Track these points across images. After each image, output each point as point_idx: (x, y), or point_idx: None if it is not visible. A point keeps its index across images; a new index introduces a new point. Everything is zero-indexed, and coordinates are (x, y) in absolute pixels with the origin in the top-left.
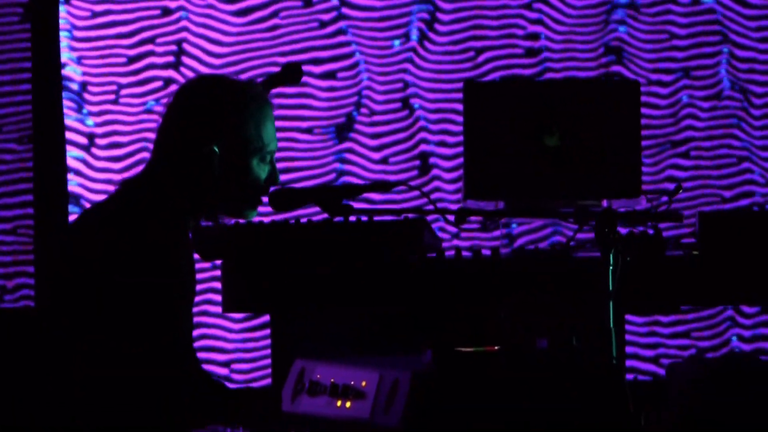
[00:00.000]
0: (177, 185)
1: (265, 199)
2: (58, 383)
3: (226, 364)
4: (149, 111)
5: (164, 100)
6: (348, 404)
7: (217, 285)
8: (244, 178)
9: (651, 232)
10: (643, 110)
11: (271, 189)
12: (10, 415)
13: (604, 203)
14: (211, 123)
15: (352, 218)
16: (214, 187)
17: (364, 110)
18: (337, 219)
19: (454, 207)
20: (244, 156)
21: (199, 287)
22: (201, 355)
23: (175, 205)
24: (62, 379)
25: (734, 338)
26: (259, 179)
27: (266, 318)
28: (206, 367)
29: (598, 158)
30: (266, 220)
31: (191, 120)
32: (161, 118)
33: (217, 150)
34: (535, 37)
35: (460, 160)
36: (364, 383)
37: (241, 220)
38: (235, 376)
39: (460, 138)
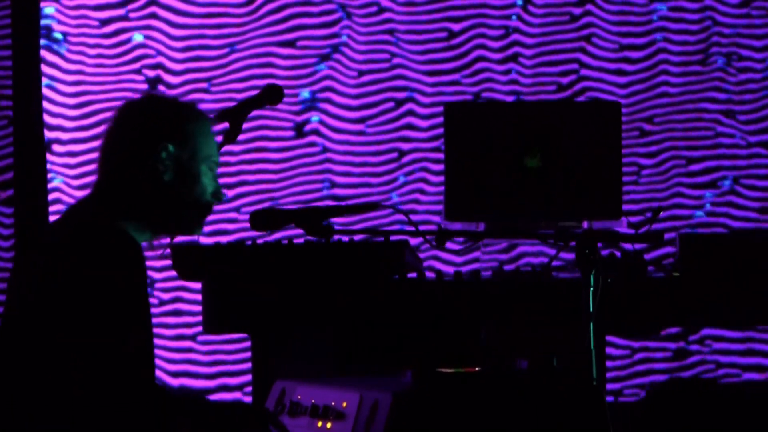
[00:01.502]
0: (128, 197)
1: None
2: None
3: (192, 337)
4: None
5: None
6: (329, 425)
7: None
8: (195, 186)
9: (632, 253)
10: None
11: (253, 210)
12: None
13: (585, 224)
14: (161, 127)
15: (333, 239)
16: (166, 195)
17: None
18: (317, 240)
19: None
20: (196, 163)
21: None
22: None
23: (126, 222)
24: (23, 400)
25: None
26: (206, 190)
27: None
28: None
29: (579, 179)
30: (247, 240)
31: (140, 128)
32: (104, 136)
33: (172, 149)
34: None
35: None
36: (344, 404)
37: (189, 237)
38: (202, 347)
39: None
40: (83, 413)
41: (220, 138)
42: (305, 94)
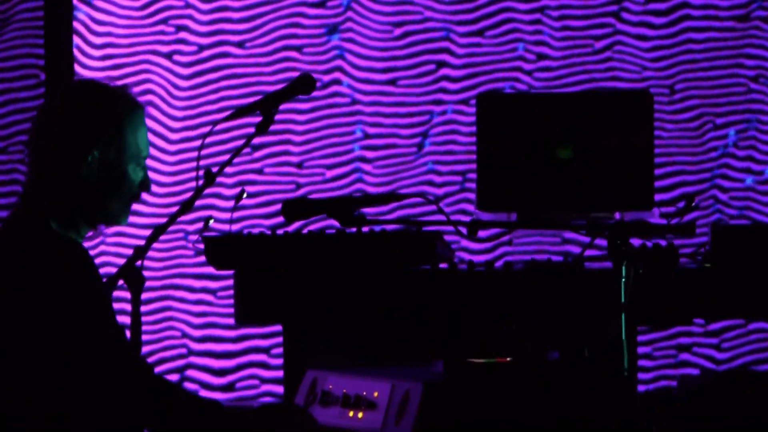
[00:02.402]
0: (58, 197)
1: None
2: None
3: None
4: None
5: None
6: (360, 415)
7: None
8: (120, 184)
9: (663, 244)
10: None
11: (286, 200)
12: None
13: (617, 215)
14: (88, 130)
15: (365, 229)
16: (92, 192)
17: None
18: (349, 230)
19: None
20: (122, 162)
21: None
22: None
23: (59, 221)
24: None
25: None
26: (132, 185)
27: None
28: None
29: (611, 170)
30: (279, 230)
31: (70, 127)
32: (31, 129)
33: (97, 155)
34: None
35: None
36: (375, 394)
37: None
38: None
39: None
40: (54, 410)
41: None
42: (335, 36)
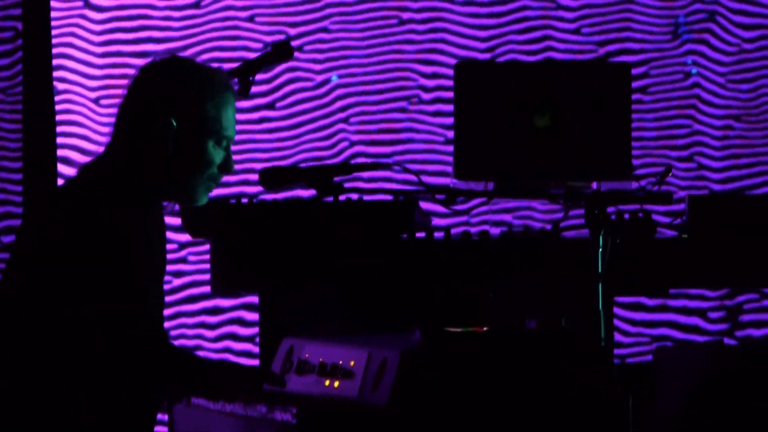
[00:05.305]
0: (134, 163)
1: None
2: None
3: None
4: None
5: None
6: (336, 383)
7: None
8: (199, 159)
9: (641, 214)
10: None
11: (263, 169)
12: None
13: (594, 185)
14: (170, 98)
15: (342, 197)
16: (169, 164)
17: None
18: (326, 198)
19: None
20: (200, 135)
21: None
22: None
23: (132, 186)
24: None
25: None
26: (212, 162)
27: None
28: None
29: (589, 139)
30: (255, 198)
31: (151, 95)
32: (122, 99)
33: (174, 123)
34: None
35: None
36: (352, 362)
37: (195, 205)
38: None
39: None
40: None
41: None
42: None
